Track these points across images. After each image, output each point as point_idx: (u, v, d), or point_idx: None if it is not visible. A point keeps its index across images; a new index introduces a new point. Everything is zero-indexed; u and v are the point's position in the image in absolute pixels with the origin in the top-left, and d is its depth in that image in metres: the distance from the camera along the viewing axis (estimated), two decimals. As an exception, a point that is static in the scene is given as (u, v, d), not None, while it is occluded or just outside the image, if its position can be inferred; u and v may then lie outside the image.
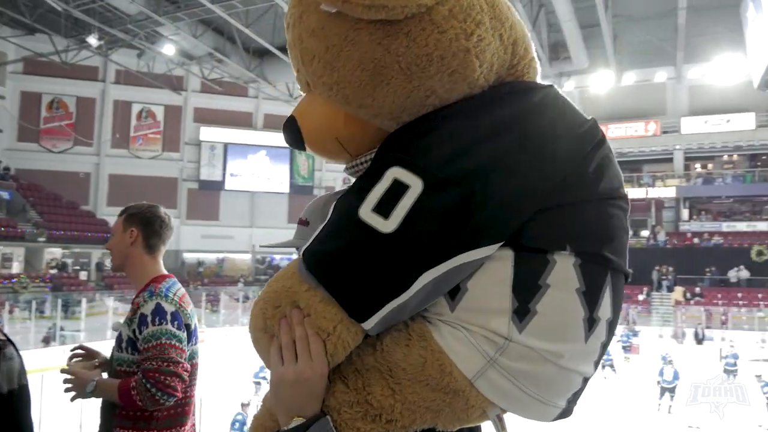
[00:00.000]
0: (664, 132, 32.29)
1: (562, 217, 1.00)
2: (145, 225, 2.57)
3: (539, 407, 1.03)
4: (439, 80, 1.05)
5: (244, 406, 11.77)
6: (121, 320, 2.53)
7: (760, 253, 28.04)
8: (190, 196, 33.23)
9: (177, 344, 2.34)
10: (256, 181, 34.24)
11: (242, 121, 33.94)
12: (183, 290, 2.56)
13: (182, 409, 2.43)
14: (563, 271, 0.99)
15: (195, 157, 33.32)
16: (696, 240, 30.89)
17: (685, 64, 28.96)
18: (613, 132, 31.79)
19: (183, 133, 33.06)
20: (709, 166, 33.53)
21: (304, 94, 1.20)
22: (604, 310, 1.03)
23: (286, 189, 34.57)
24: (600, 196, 1.04)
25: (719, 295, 27.69)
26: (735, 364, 16.43)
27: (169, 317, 2.37)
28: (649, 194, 32.64)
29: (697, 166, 33.68)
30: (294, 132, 1.14)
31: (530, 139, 1.01)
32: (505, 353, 0.99)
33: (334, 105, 1.11)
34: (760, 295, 26.81)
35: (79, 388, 2.35)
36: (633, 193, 31.07)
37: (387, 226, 0.97)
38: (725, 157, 33.29)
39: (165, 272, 2.59)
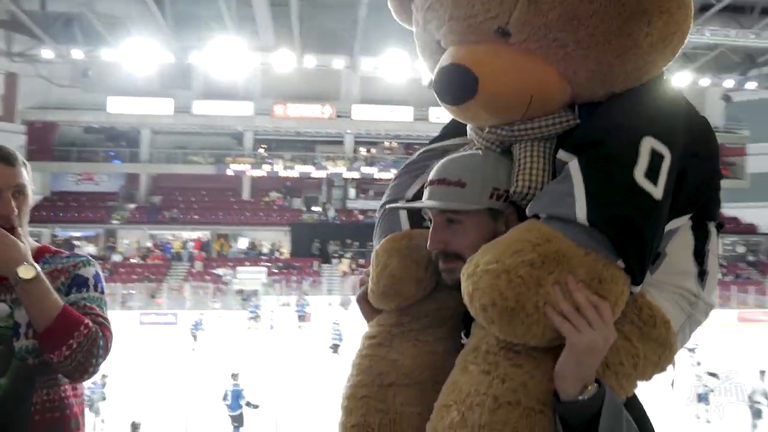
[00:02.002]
0: (339, 116, 34.24)
1: (714, 196, 1.19)
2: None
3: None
4: (664, 59, 1.11)
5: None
6: None
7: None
8: None
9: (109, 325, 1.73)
10: None
11: None
12: None
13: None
14: (713, 239, 1.19)
15: None
16: (361, 216, 34.05)
17: (360, 55, 29.42)
18: (291, 112, 33.67)
19: None
20: (373, 150, 37.25)
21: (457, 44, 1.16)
22: None
23: None
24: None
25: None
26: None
27: (105, 291, 1.83)
28: (321, 173, 34.94)
29: (363, 150, 37.01)
30: (465, 78, 1.08)
31: (700, 129, 1.16)
32: (695, 308, 1.15)
33: (546, 63, 1.08)
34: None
35: (9, 257, 1.55)
36: (307, 171, 34.18)
37: (657, 193, 1.01)
38: (386, 144, 37.41)
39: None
